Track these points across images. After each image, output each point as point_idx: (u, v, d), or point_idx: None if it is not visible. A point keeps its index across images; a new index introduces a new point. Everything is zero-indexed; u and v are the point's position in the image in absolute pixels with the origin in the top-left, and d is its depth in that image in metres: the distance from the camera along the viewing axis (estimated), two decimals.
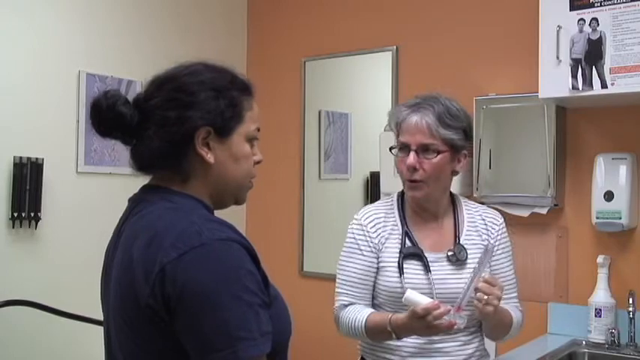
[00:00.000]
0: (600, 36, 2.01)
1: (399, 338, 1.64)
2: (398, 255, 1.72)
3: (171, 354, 1.11)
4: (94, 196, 2.60)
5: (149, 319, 1.10)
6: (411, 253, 1.72)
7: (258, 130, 1.28)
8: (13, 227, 2.39)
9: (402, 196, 1.83)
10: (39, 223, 2.44)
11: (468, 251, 1.73)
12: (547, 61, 2.11)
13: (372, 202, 2.99)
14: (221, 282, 1.08)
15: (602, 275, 2.23)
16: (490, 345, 2.50)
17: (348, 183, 3.03)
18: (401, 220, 1.77)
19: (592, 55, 2.03)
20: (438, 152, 1.70)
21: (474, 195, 2.49)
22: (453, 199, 1.83)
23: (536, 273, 2.43)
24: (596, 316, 2.19)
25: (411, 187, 1.73)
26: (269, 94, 3.18)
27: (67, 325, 2.34)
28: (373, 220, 1.77)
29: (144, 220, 1.18)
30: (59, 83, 2.55)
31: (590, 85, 2.03)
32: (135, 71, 2.71)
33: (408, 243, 1.74)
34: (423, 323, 1.53)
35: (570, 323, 2.30)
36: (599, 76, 2.01)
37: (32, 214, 2.41)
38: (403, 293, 1.60)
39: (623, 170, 2.21)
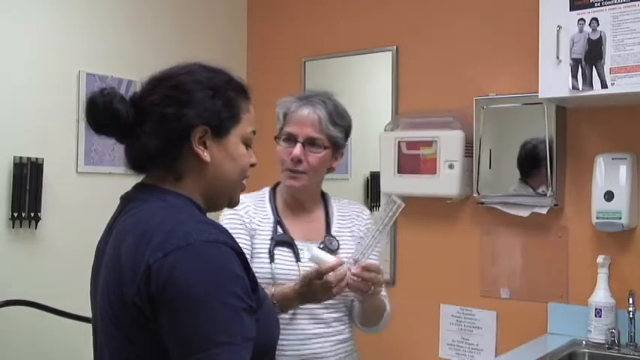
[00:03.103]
0: (600, 36, 2.01)
1: (283, 311, 1.65)
2: (269, 242, 1.73)
3: (156, 353, 1.11)
4: (94, 196, 2.60)
5: (135, 317, 1.10)
6: (282, 240, 1.75)
7: (254, 132, 1.29)
8: (13, 227, 2.39)
9: (273, 189, 1.87)
10: (39, 223, 2.44)
11: (340, 241, 1.78)
12: (547, 61, 2.11)
13: (372, 202, 3.00)
14: (206, 284, 1.07)
15: (602, 275, 2.23)
16: (490, 344, 2.51)
17: (348, 183, 3.03)
18: (272, 210, 1.80)
19: (592, 55, 2.03)
20: (324, 147, 1.75)
21: (474, 195, 2.50)
22: (323, 195, 1.89)
23: (536, 273, 2.43)
24: (596, 316, 2.19)
25: (290, 177, 1.77)
26: (269, 94, 3.16)
27: (67, 325, 2.33)
28: (244, 207, 1.78)
29: (135, 218, 1.18)
30: (59, 83, 2.55)
31: (590, 85, 2.03)
32: (135, 71, 2.71)
33: (279, 231, 1.76)
34: (322, 285, 1.55)
35: (570, 323, 2.30)
36: (599, 76, 2.01)
37: (32, 214, 2.41)
38: (273, 278, 1.65)
39: (623, 170, 2.21)
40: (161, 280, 1.07)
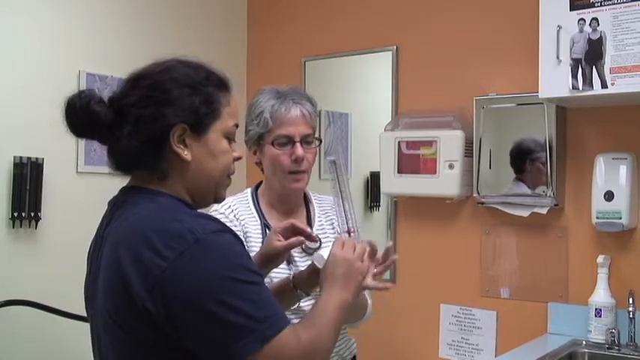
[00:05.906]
0: (600, 36, 2.01)
1: (307, 294, 1.58)
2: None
3: (167, 353, 1.12)
4: (94, 196, 2.59)
5: (146, 321, 1.09)
6: None
7: (237, 126, 1.28)
8: (13, 227, 2.39)
9: (255, 191, 1.84)
10: (39, 223, 2.44)
11: (322, 236, 1.76)
12: (547, 61, 2.11)
13: (372, 202, 3.00)
14: (225, 270, 1.08)
15: (602, 275, 2.23)
16: (490, 344, 2.51)
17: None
18: (259, 214, 1.77)
19: (592, 55, 2.03)
20: (318, 141, 1.77)
21: (474, 195, 2.50)
22: (304, 193, 1.87)
23: (536, 273, 2.43)
24: (596, 316, 2.19)
25: (295, 179, 1.74)
26: None
27: (67, 325, 2.33)
28: (233, 211, 1.76)
29: (129, 222, 1.17)
30: (59, 83, 2.54)
31: (590, 85, 2.03)
32: None
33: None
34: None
35: (570, 323, 2.30)
36: (599, 76, 2.01)
37: (32, 214, 2.41)
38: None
39: (623, 170, 2.21)
40: (180, 281, 1.07)
